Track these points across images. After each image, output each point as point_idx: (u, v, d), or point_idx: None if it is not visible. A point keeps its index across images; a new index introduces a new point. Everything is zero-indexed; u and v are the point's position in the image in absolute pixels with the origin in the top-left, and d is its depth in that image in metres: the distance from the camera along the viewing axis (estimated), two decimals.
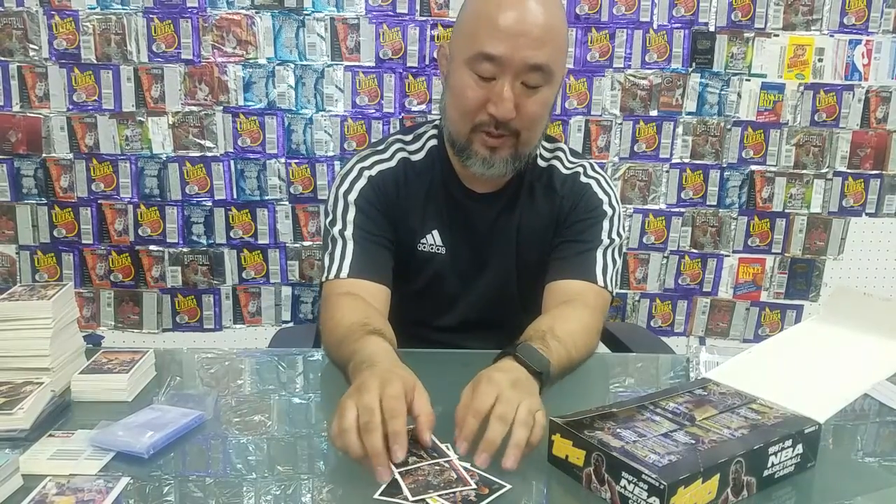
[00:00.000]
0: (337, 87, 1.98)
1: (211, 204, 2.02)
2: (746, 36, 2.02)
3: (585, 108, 2.04)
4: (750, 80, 2.05)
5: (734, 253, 2.17)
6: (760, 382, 0.94)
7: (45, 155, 1.96)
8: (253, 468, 0.84)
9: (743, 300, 2.20)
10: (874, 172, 2.13)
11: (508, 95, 1.09)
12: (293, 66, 1.96)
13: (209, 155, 1.99)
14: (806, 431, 0.83)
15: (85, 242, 2.02)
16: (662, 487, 0.70)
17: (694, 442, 0.79)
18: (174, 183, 2.00)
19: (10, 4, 1.86)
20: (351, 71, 1.97)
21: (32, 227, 2.00)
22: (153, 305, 2.08)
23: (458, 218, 1.27)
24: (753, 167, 2.11)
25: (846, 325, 1.01)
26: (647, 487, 0.72)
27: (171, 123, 1.97)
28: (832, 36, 2.03)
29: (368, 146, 1.33)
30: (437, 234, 1.27)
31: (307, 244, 2.07)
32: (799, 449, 0.82)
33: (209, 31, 1.92)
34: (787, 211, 2.14)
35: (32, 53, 1.90)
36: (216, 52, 1.93)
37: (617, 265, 1.25)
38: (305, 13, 1.93)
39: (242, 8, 1.91)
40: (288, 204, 2.04)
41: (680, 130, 2.07)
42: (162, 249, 2.04)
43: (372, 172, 1.25)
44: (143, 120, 1.96)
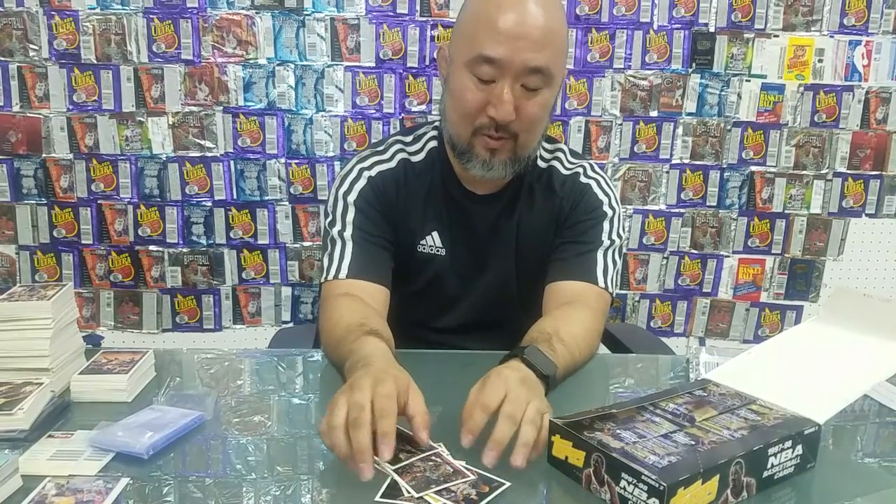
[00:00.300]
0: (337, 87, 1.98)
1: (211, 204, 2.02)
2: (746, 37, 2.02)
3: (585, 108, 2.04)
4: (750, 80, 2.05)
5: (734, 254, 2.17)
6: (760, 383, 0.94)
7: (44, 155, 1.96)
8: (253, 469, 0.84)
9: (743, 301, 2.20)
10: (874, 173, 2.13)
11: (508, 98, 1.09)
12: (293, 66, 1.96)
13: (209, 155, 1.99)
14: (806, 432, 0.83)
15: (85, 243, 2.02)
16: (662, 488, 0.70)
17: (694, 443, 0.79)
18: (174, 183, 2.00)
19: (10, 4, 1.86)
20: (351, 71, 1.97)
21: (32, 227, 2.00)
22: (153, 306, 2.08)
23: (457, 219, 1.27)
24: (753, 168, 2.11)
25: (846, 325, 1.01)
26: (646, 488, 0.72)
27: (170, 124, 1.97)
28: (832, 37, 2.03)
29: (368, 147, 1.32)
30: (436, 235, 1.27)
31: (307, 244, 2.07)
32: (799, 450, 0.82)
33: (209, 31, 1.92)
34: (786, 212, 2.14)
35: (32, 53, 1.90)
36: (216, 52, 1.93)
37: (617, 266, 1.25)
38: (305, 13, 1.93)
39: (242, 8, 1.91)
40: (288, 204, 2.04)
41: (680, 131, 2.07)
42: (162, 250, 2.04)
43: (372, 173, 1.25)
44: (143, 120, 1.96)
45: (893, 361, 0.94)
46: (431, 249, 1.27)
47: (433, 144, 1.28)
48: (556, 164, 1.29)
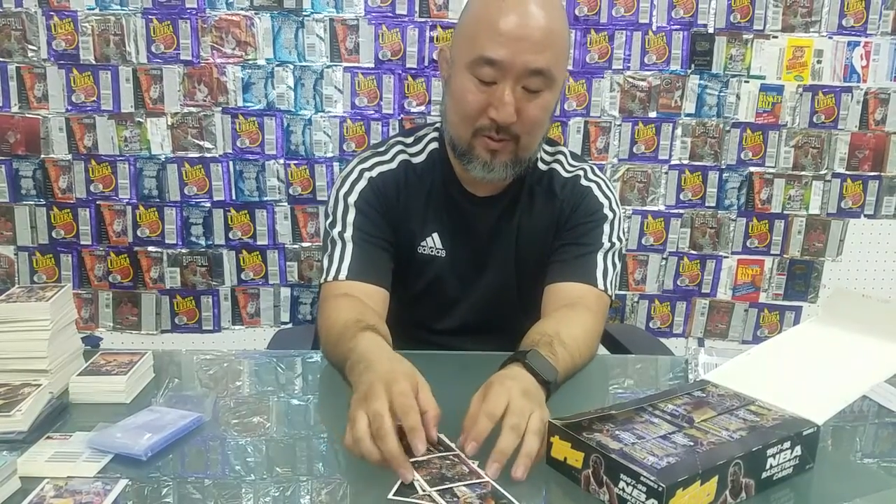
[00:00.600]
0: (336, 88, 1.98)
1: (210, 205, 2.02)
2: (745, 37, 2.02)
3: (584, 109, 2.04)
4: (749, 81, 2.05)
5: (733, 254, 2.17)
6: (759, 384, 0.94)
7: (43, 156, 1.96)
8: (252, 470, 0.84)
9: (742, 301, 2.20)
10: (873, 174, 2.13)
11: (509, 100, 1.09)
12: (292, 67, 1.96)
13: (208, 156, 1.99)
14: (804, 433, 0.83)
15: (83, 243, 2.02)
16: (661, 489, 0.70)
17: (692, 444, 0.79)
18: (173, 184, 2.00)
19: (8, 5, 1.86)
20: (350, 72, 1.97)
21: (31, 227, 2.00)
22: (152, 306, 2.08)
23: (458, 221, 1.27)
24: (752, 168, 2.11)
25: (845, 326, 1.01)
26: (645, 489, 0.72)
27: (169, 124, 1.97)
28: (831, 38, 2.03)
29: (369, 148, 1.32)
30: (437, 236, 1.27)
31: (306, 245, 2.07)
32: (797, 451, 0.82)
33: (208, 31, 1.92)
34: (785, 212, 2.14)
35: (31, 54, 1.90)
36: (215, 52, 1.93)
37: (617, 269, 1.25)
38: (305, 14, 1.93)
39: (241, 9, 1.91)
40: (287, 205, 2.04)
41: (679, 132, 2.07)
42: (160, 250, 2.04)
43: (372, 174, 1.25)
44: (141, 121, 1.95)
45: (892, 362, 0.94)
46: (432, 251, 1.27)
47: (434, 146, 1.28)
48: (556, 166, 1.29)
